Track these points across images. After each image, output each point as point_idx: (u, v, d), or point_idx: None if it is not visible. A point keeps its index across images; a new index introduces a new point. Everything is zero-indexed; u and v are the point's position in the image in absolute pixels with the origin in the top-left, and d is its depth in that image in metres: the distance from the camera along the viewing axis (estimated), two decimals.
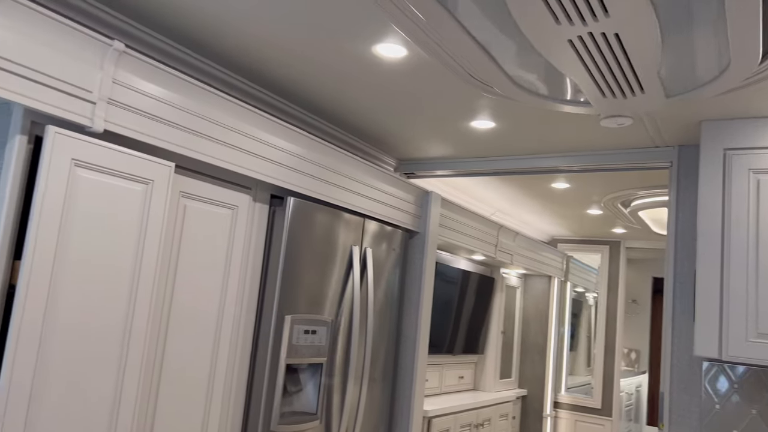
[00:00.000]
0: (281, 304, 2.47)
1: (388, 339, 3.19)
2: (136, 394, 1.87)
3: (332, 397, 2.75)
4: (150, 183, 1.92)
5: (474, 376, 5.30)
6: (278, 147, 2.45)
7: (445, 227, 3.77)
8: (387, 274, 3.17)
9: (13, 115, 1.65)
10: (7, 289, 1.63)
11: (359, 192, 2.93)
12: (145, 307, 1.90)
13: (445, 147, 3.48)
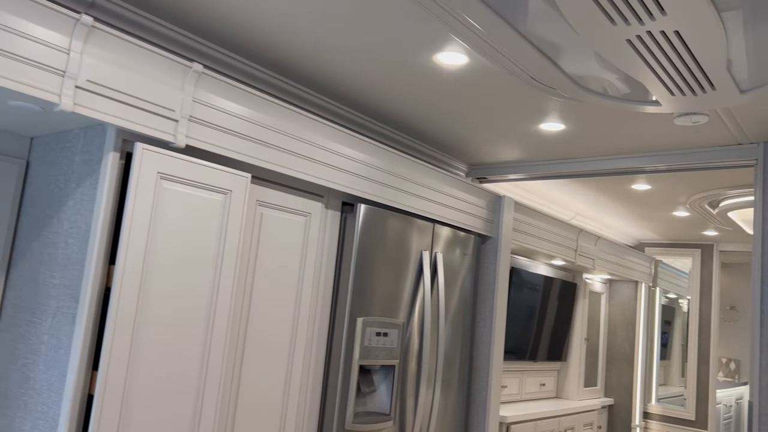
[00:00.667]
0: (353, 307, 2.57)
1: (462, 344, 3.21)
2: (218, 388, 2.02)
3: (406, 400, 2.81)
4: (229, 193, 2.08)
5: (557, 384, 5.20)
6: (349, 156, 2.56)
7: (520, 232, 3.75)
8: (459, 279, 3.20)
9: (107, 134, 1.84)
10: (104, 291, 1.82)
11: (429, 198, 2.99)
12: (225, 307, 2.05)
13: (516, 150, 3.48)
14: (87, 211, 1.86)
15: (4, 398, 1.97)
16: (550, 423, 4.32)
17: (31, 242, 2.04)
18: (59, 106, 1.66)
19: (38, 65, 1.61)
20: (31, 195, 2.10)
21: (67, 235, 1.91)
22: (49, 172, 2.05)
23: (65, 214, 1.93)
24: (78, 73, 1.69)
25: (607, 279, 5.71)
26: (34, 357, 1.90)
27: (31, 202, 2.09)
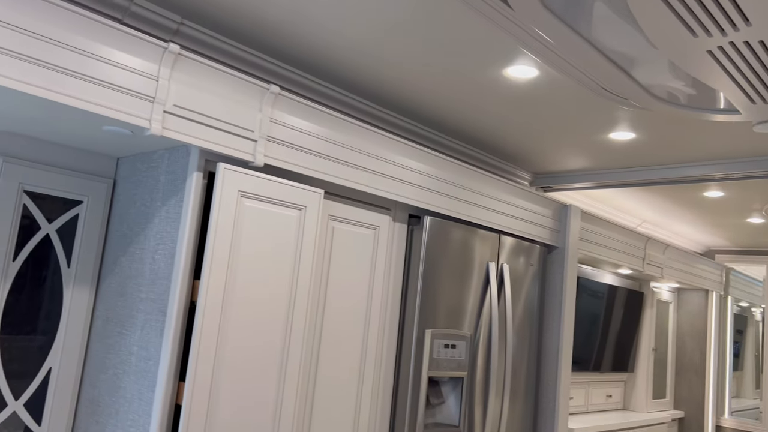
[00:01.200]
0: (421, 319, 2.59)
1: (529, 355, 3.18)
2: (295, 401, 2.07)
3: (474, 411, 2.81)
4: (303, 208, 2.14)
5: (623, 395, 5.07)
6: (414, 169, 2.58)
7: (586, 241, 3.69)
8: (526, 290, 3.18)
9: (191, 155, 1.93)
10: (189, 305, 1.91)
11: (494, 208, 2.99)
12: (301, 318, 2.10)
13: (583, 159, 3.43)
14: (173, 229, 1.95)
15: (96, 406, 2.08)
16: None
17: (119, 257, 2.16)
18: (149, 131, 1.75)
19: (130, 92, 1.71)
20: (118, 213, 2.22)
21: (153, 251, 2.00)
22: (135, 190, 2.16)
23: (152, 231, 2.03)
24: (166, 99, 1.78)
25: (676, 287, 5.54)
26: (124, 367, 2.00)
27: (119, 219, 2.21)
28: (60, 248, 2.15)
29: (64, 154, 2.15)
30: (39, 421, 2.08)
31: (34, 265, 2.10)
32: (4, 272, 2.01)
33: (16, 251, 2.05)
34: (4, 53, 1.49)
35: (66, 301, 2.15)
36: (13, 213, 2.03)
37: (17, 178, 2.04)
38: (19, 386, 2.05)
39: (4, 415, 2.01)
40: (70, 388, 2.14)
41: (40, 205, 2.11)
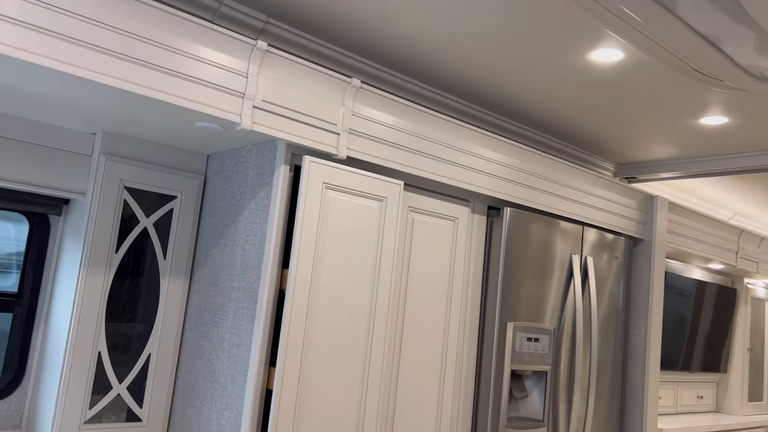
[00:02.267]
0: (503, 312, 2.56)
1: (615, 352, 3.09)
2: (379, 386, 2.10)
3: (558, 406, 2.75)
4: (384, 200, 2.16)
5: (716, 397, 4.81)
6: (494, 160, 2.56)
7: (673, 233, 3.54)
8: (610, 284, 3.08)
9: (278, 149, 2.00)
10: (278, 293, 1.97)
11: (576, 199, 2.92)
12: (384, 307, 2.13)
13: (670, 147, 3.29)
14: (261, 220, 2.02)
15: (191, 390, 2.19)
16: None
17: (210, 249, 2.26)
18: (240, 125, 1.82)
19: (221, 89, 1.79)
20: (209, 207, 2.32)
21: (244, 242, 2.09)
22: (225, 185, 2.25)
23: (242, 223, 2.12)
24: (255, 94, 1.85)
25: None
26: (218, 353, 2.09)
27: (210, 213, 2.31)
28: (157, 241, 2.27)
29: (159, 152, 2.27)
30: (140, 403, 2.21)
31: (134, 257, 2.23)
32: (108, 263, 2.15)
33: (118, 243, 2.18)
34: (103, 52, 1.59)
35: (163, 291, 2.27)
36: (115, 207, 2.16)
37: (118, 175, 2.17)
38: (123, 371, 2.18)
39: (109, 397, 2.14)
40: (168, 373, 2.26)
41: (139, 200, 2.24)
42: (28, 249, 2.26)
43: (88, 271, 2.10)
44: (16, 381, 2.19)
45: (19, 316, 2.22)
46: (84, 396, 2.07)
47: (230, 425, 1.96)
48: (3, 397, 2.15)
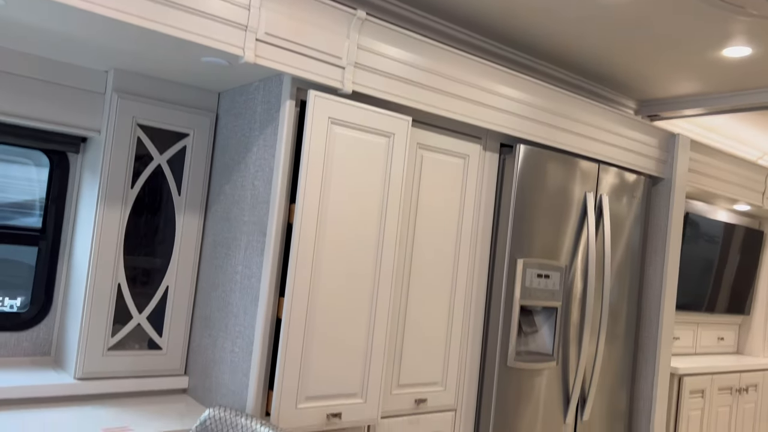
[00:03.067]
0: (513, 249, 2.58)
1: (629, 292, 3.09)
2: (387, 315, 2.16)
3: (569, 343, 2.79)
4: (391, 136, 2.17)
5: (737, 339, 4.80)
6: (507, 96, 2.53)
7: (696, 173, 3.47)
8: (627, 223, 3.06)
9: (284, 84, 2.00)
10: (287, 226, 2.02)
11: (593, 137, 2.87)
12: (391, 239, 2.17)
13: (693, 83, 3.18)
14: (269, 156, 2.05)
15: (207, 320, 2.28)
16: (729, 378, 4.02)
17: (223, 185, 2.31)
18: (243, 59, 1.83)
19: (224, 21, 1.79)
20: (221, 144, 2.36)
21: (253, 177, 2.13)
22: (235, 122, 2.28)
23: (251, 159, 2.15)
24: (258, 27, 1.85)
25: None
26: (231, 285, 2.17)
27: (222, 150, 2.35)
28: (171, 178, 2.33)
29: (171, 89, 2.30)
30: (160, 333, 2.31)
31: (150, 194, 2.29)
32: (124, 199, 2.21)
33: (133, 180, 2.24)
34: None
35: (178, 226, 2.34)
36: (129, 144, 2.21)
37: (131, 112, 2.22)
38: (142, 302, 2.28)
39: (130, 326, 2.25)
40: (185, 304, 2.35)
41: (152, 137, 2.28)
42: (49, 186, 2.34)
43: (105, 207, 2.17)
44: (44, 311, 2.31)
45: (44, 250, 2.32)
46: (106, 325, 2.18)
47: (243, 352, 2.05)
48: (32, 326, 2.27)
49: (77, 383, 2.11)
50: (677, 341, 4.24)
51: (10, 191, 2.30)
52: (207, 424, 1.88)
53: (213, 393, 2.18)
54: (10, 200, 2.30)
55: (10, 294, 2.29)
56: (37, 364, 2.24)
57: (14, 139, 2.18)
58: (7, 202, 2.29)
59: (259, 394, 1.97)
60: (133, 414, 2.03)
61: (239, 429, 1.85)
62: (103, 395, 2.17)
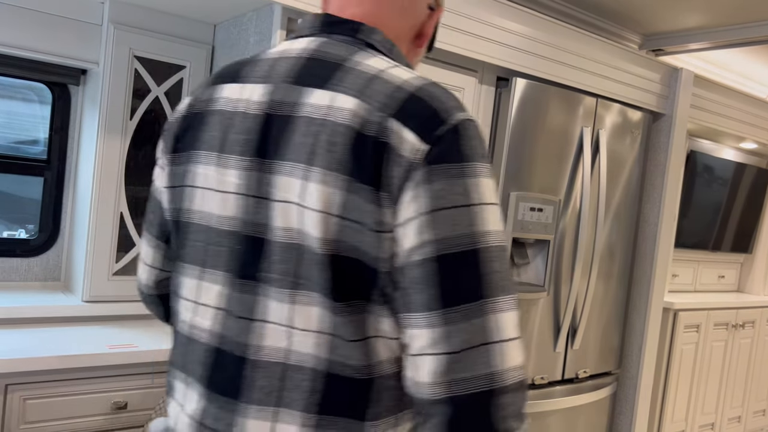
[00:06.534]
0: (507, 182, 2.61)
1: (627, 227, 3.13)
2: None
3: (561, 275, 2.86)
4: None
5: (738, 277, 4.85)
6: (506, 28, 2.51)
7: (700, 109, 3.44)
8: (625, 160, 3.07)
9: (275, 13, 2.02)
10: None
11: (593, 71, 2.85)
12: None
13: (699, 15, 3.12)
14: None
15: None
16: (725, 314, 4.10)
17: None
18: None
19: None
20: None
21: None
22: (230, 54, 2.30)
23: None
24: None
25: None
26: None
27: None
28: (169, 110, 2.38)
29: (167, 21, 2.32)
30: None
31: (149, 125, 2.35)
32: (124, 130, 2.27)
33: (132, 111, 2.30)
34: None
35: None
36: (126, 76, 2.26)
37: (128, 44, 2.25)
38: None
39: (133, 253, 2.35)
40: None
41: (149, 69, 2.32)
42: (52, 118, 2.40)
43: (105, 138, 2.23)
44: (52, 239, 2.41)
45: (50, 180, 2.41)
46: (110, 251, 2.28)
47: None
48: (42, 253, 2.39)
49: (84, 305, 2.23)
50: (676, 278, 4.31)
51: (15, 128, 2.37)
52: None
53: None
54: (16, 137, 2.37)
55: (21, 224, 2.39)
56: (47, 288, 2.37)
57: (15, 71, 2.23)
58: (13, 138, 2.36)
59: None
60: (138, 334, 2.15)
61: None
62: (109, 317, 2.29)
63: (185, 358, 0.86)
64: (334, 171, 0.73)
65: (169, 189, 0.89)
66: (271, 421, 0.77)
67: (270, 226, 0.77)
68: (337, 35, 0.85)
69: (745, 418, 4.42)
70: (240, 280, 0.80)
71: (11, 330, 2.03)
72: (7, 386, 1.77)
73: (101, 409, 1.92)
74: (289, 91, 0.79)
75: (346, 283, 0.74)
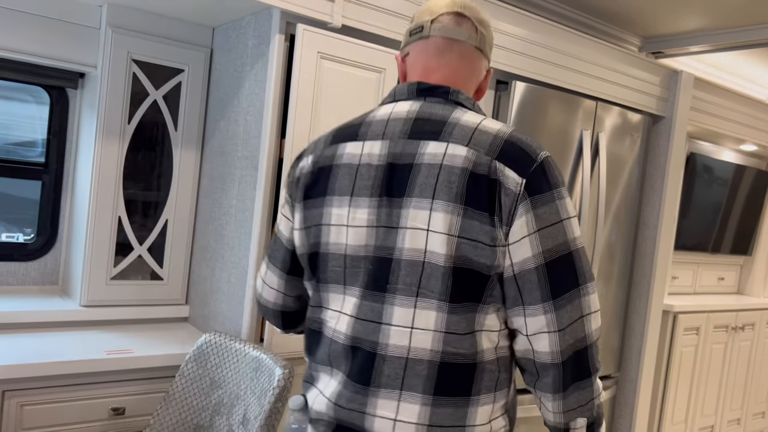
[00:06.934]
0: None
1: (627, 229, 3.12)
2: None
3: None
4: (383, 71, 2.17)
5: (738, 279, 4.85)
6: (505, 32, 2.50)
7: (700, 112, 3.43)
8: (625, 163, 3.06)
9: (273, 18, 2.01)
10: (278, 161, 2.06)
11: (592, 74, 2.84)
12: None
13: (699, 18, 3.11)
14: (260, 91, 2.07)
15: (206, 252, 2.36)
16: (725, 316, 4.09)
17: (218, 121, 2.34)
18: None
19: None
20: (216, 79, 2.38)
21: (245, 113, 2.16)
22: (228, 57, 2.30)
23: (243, 94, 2.18)
24: None
25: None
26: (227, 218, 2.24)
27: (216, 86, 2.38)
28: (167, 113, 2.37)
29: (165, 24, 2.31)
30: (161, 264, 2.41)
31: (147, 129, 2.34)
32: (122, 134, 2.26)
33: (130, 115, 2.29)
34: None
35: (176, 161, 2.39)
36: (124, 79, 2.25)
37: (126, 47, 2.24)
38: (143, 235, 2.36)
39: (131, 257, 2.34)
40: (184, 237, 2.44)
41: (147, 72, 2.31)
42: (50, 122, 2.39)
43: (103, 142, 2.22)
44: (50, 242, 2.41)
45: (48, 183, 2.40)
46: (108, 255, 2.27)
47: (238, 282, 2.13)
48: (40, 257, 2.38)
49: (82, 310, 2.22)
50: (675, 280, 4.30)
51: (13, 129, 2.36)
52: (204, 347, 1.99)
53: (211, 321, 2.29)
54: (13, 138, 2.36)
55: (18, 227, 2.38)
56: (45, 293, 2.36)
57: (12, 75, 2.22)
58: (10, 139, 2.35)
59: (253, 321, 2.07)
60: (136, 339, 2.14)
61: (233, 352, 1.95)
62: (107, 322, 2.29)
63: (330, 356, 1.09)
64: (453, 202, 0.99)
65: (304, 230, 1.13)
66: (396, 401, 1.01)
67: (398, 248, 1.02)
68: (431, 98, 1.10)
69: (744, 420, 4.41)
70: (371, 292, 1.04)
71: (8, 335, 2.02)
72: (4, 392, 1.76)
73: (99, 414, 1.91)
74: (407, 144, 1.05)
75: (461, 288, 0.99)
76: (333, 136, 1.14)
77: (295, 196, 1.15)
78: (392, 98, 1.14)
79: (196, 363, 1.97)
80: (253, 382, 1.86)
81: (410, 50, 1.16)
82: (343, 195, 1.07)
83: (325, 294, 1.11)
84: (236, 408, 1.88)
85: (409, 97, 1.11)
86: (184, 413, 1.95)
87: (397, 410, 1.01)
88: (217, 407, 1.93)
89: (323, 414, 1.08)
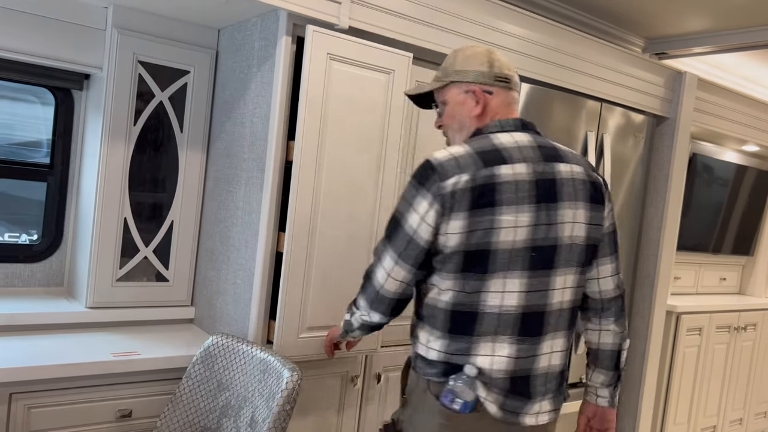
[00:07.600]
0: None
1: (630, 230, 3.12)
2: None
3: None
4: (391, 72, 2.17)
5: (740, 279, 4.85)
6: (510, 33, 2.50)
7: (704, 112, 3.43)
8: (629, 164, 3.06)
9: (280, 20, 2.00)
10: (285, 163, 2.06)
11: (596, 75, 2.84)
12: (391, 174, 2.20)
13: (703, 19, 3.11)
14: (267, 93, 2.07)
15: (211, 254, 2.36)
16: (728, 317, 4.09)
17: (224, 123, 2.34)
18: None
19: None
20: (221, 81, 2.38)
21: (252, 114, 2.15)
22: (234, 59, 2.29)
23: (249, 96, 2.17)
24: None
25: None
26: (233, 220, 2.23)
27: (222, 87, 2.37)
28: (173, 114, 2.36)
29: (171, 26, 2.30)
30: (166, 265, 2.40)
31: (152, 130, 2.33)
32: (128, 135, 2.26)
33: (136, 117, 2.28)
34: None
35: (181, 162, 2.39)
36: (130, 81, 2.24)
37: (132, 49, 2.23)
38: (148, 236, 2.36)
39: (137, 259, 2.34)
40: (190, 238, 2.43)
41: (153, 74, 2.30)
42: (55, 123, 2.39)
43: (109, 143, 2.22)
44: (55, 244, 2.40)
45: (53, 185, 2.39)
46: (114, 257, 2.27)
47: (245, 284, 2.13)
48: (45, 258, 2.37)
49: (88, 311, 2.21)
50: (678, 281, 4.30)
51: (17, 129, 2.36)
52: (211, 349, 1.98)
53: (217, 322, 2.28)
54: (18, 138, 2.35)
55: (24, 229, 2.38)
56: (50, 294, 2.35)
57: (17, 76, 2.21)
58: (15, 140, 2.34)
59: (260, 323, 2.06)
60: (142, 341, 2.14)
61: (240, 354, 1.95)
62: (113, 323, 2.28)
63: (496, 327, 1.44)
64: (585, 201, 1.51)
65: (467, 233, 1.41)
66: (551, 340, 1.49)
67: (558, 236, 1.46)
68: (529, 130, 1.56)
69: (746, 420, 4.42)
70: (538, 271, 1.45)
71: (14, 337, 2.02)
72: (12, 395, 1.75)
73: (106, 417, 1.91)
74: (545, 166, 1.48)
75: (587, 257, 1.53)
76: (483, 161, 1.44)
77: (453, 207, 1.41)
78: (499, 128, 1.52)
79: (203, 365, 1.97)
80: (260, 384, 1.85)
81: (494, 91, 1.56)
82: (510, 204, 1.42)
83: (488, 281, 1.43)
84: (244, 410, 1.87)
85: (516, 129, 1.54)
86: (191, 415, 1.94)
87: (552, 346, 1.49)
88: (224, 410, 1.93)
89: (502, 372, 1.44)
